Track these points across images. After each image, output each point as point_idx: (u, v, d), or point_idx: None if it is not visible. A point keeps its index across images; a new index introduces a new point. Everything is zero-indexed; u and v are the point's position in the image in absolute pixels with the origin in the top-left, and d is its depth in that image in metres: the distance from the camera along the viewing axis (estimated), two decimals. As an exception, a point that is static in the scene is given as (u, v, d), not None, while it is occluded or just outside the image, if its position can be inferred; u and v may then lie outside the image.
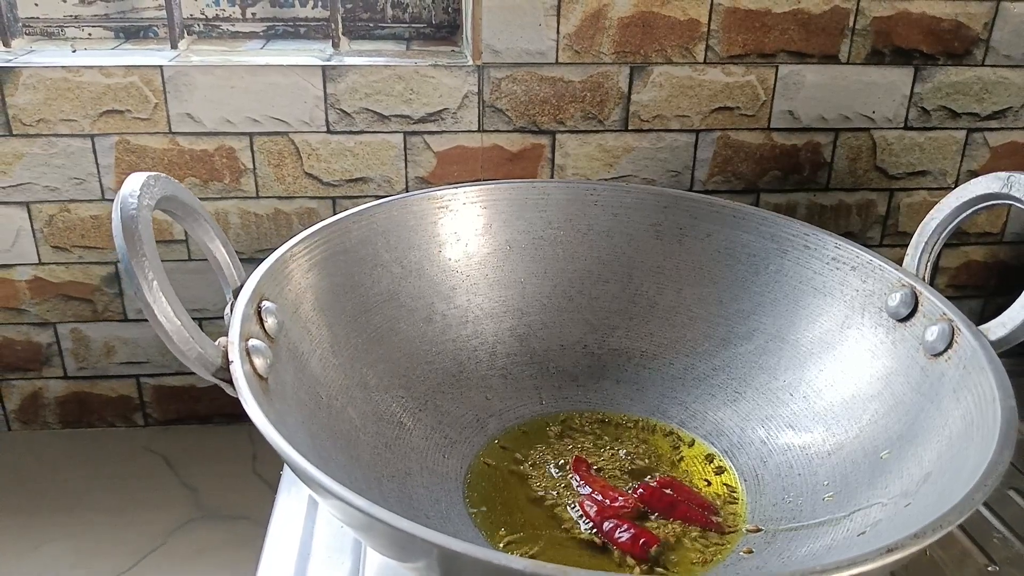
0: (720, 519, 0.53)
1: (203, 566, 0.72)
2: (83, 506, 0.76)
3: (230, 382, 0.43)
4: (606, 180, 0.80)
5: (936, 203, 0.58)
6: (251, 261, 0.77)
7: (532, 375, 0.63)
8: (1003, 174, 0.54)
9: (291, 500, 0.58)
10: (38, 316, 0.80)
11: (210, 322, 0.81)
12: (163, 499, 0.78)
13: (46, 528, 0.74)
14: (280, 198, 0.78)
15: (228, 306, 0.48)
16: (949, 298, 0.54)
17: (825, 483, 0.52)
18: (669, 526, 0.52)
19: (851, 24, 0.77)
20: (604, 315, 0.65)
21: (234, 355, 0.43)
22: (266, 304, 0.48)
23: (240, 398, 0.41)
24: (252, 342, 0.45)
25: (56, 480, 0.79)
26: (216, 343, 0.44)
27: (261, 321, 0.47)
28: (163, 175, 0.45)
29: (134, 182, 0.42)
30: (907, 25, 0.78)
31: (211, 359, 0.43)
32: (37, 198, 0.76)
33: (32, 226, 0.77)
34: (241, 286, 0.49)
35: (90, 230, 0.77)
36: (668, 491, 0.54)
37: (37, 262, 0.78)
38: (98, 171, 0.75)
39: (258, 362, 0.44)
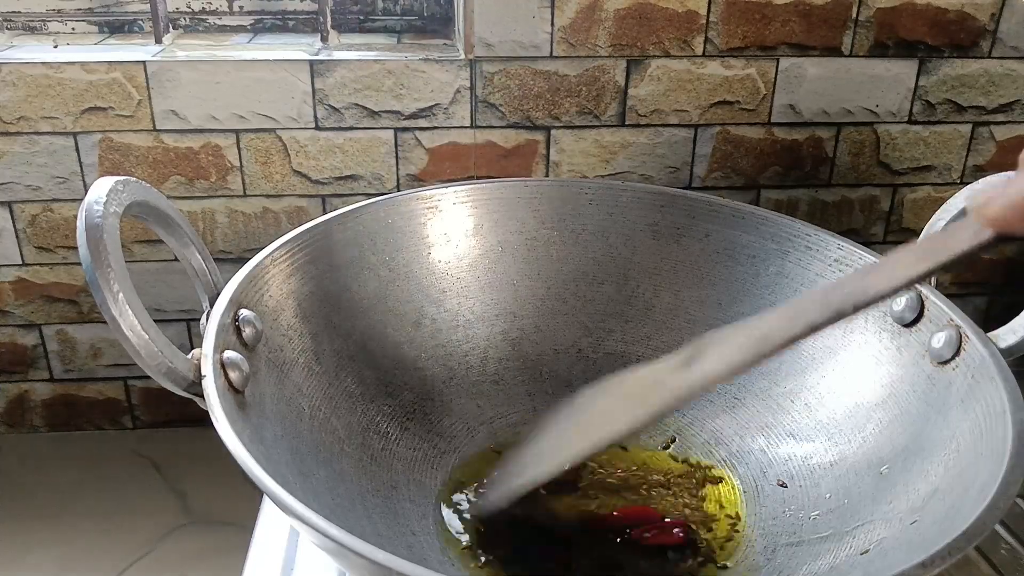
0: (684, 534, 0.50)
1: (192, 573, 0.71)
2: (70, 511, 0.75)
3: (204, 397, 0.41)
4: (602, 177, 0.78)
5: (941, 199, 0.56)
6: (239, 261, 0.75)
7: (525, 381, 0.61)
8: (1012, 173, 0.52)
9: (276, 509, 0.56)
10: (23, 318, 0.78)
11: (196, 324, 0.80)
12: (151, 504, 0.76)
13: (32, 534, 0.73)
14: (268, 196, 0.76)
15: (204, 316, 0.46)
16: (954, 296, 0.52)
17: (827, 496, 0.50)
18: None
19: (854, 15, 0.75)
20: (599, 318, 0.63)
21: (207, 369, 0.41)
22: (244, 313, 0.46)
23: (211, 415, 0.39)
24: (228, 354, 0.43)
25: (42, 484, 0.78)
26: (189, 356, 0.42)
27: (238, 331, 0.46)
28: (133, 179, 0.43)
29: (101, 188, 0.40)
30: (912, 16, 0.76)
31: (183, 373, 0.41)
32: (19, 198, 0.74)
33: (15, 226, 0.75)
34: (218, 294, 0.47)
35: (74, 230, 0.75)
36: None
37: (20, 263, 0.76)
38: (81, 170, 0.74)
39: (234, 375, 0.43)
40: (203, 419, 0.84)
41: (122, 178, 0.42)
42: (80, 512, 0.75)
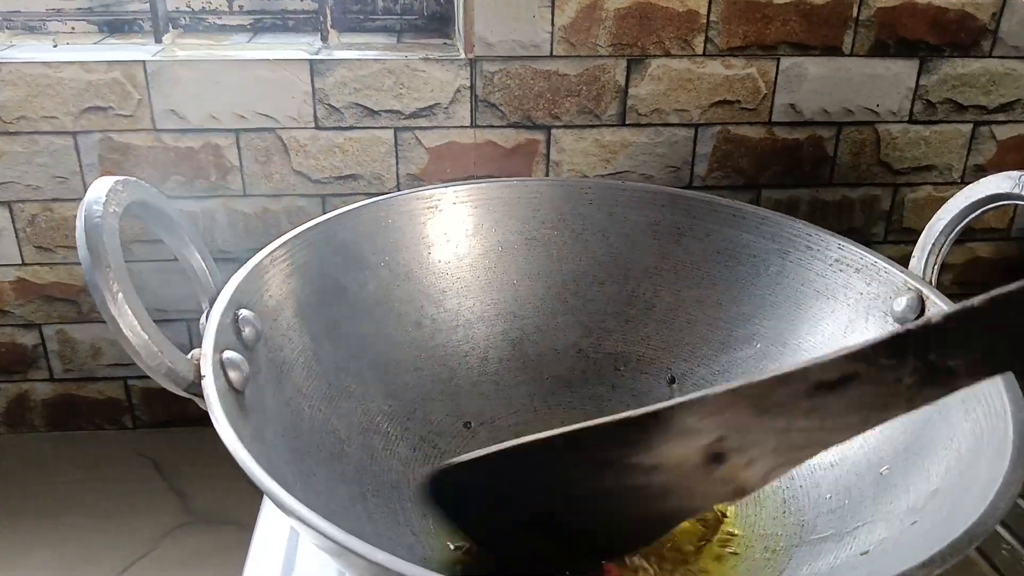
0: None
1: (193, 572, 0.71)
2: (70, 511, 0.75)
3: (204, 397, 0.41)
4: (602, 177, 0.78)
5: (942, 198, 0.56)
6: (238, 261, 0.75)
7: (525, 381, 0.61)
8: (1014, 173, 0.52)
9: (276, 509, 0.56)
10: (22, 318, 0.78)
11: (196, 324, 0.80)
12: (152, 504, 0.76)
13: (32, 533, 0.73)
14: (268, 196, 0.76)
15: (203, 316, 0.46)
16: (955, 296, 0.52)
17: (828, 496, 0.50)
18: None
19: (854, 15, 0.75)
20: (599, 318, 0.63)
21: (207, 369, 0.41)
22: (244, 313, 0.46)
23: (211, 415, 0.39)
24: (227, 354, 0.43)
25: (43, 484, 0.78)
26: (188, 356, 0.42)
27: (238, 331, 0.46)
28: (132, 179, 0.43)
29: (100, 187, 0.40)
30: (912, 16, 0.75)
31: (183, 373, 0.41)
32: (19, 197, 0.74)
33: (14, 226, 0.75)
34: (218, 294, 0.47)
35: (74, 230, 0.75)
36: None
37: (20, 263, 0.76)
38: (81, 169, 0.74)
39: (233, 375, 0.42)
40: (203, 419, 0.84)
41: (121, 178, 0.42)
42: (80, 512, 0.75)
